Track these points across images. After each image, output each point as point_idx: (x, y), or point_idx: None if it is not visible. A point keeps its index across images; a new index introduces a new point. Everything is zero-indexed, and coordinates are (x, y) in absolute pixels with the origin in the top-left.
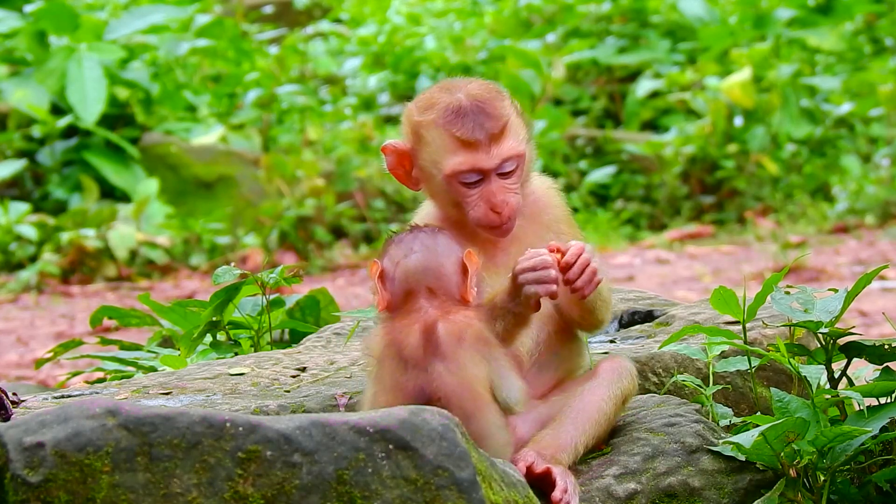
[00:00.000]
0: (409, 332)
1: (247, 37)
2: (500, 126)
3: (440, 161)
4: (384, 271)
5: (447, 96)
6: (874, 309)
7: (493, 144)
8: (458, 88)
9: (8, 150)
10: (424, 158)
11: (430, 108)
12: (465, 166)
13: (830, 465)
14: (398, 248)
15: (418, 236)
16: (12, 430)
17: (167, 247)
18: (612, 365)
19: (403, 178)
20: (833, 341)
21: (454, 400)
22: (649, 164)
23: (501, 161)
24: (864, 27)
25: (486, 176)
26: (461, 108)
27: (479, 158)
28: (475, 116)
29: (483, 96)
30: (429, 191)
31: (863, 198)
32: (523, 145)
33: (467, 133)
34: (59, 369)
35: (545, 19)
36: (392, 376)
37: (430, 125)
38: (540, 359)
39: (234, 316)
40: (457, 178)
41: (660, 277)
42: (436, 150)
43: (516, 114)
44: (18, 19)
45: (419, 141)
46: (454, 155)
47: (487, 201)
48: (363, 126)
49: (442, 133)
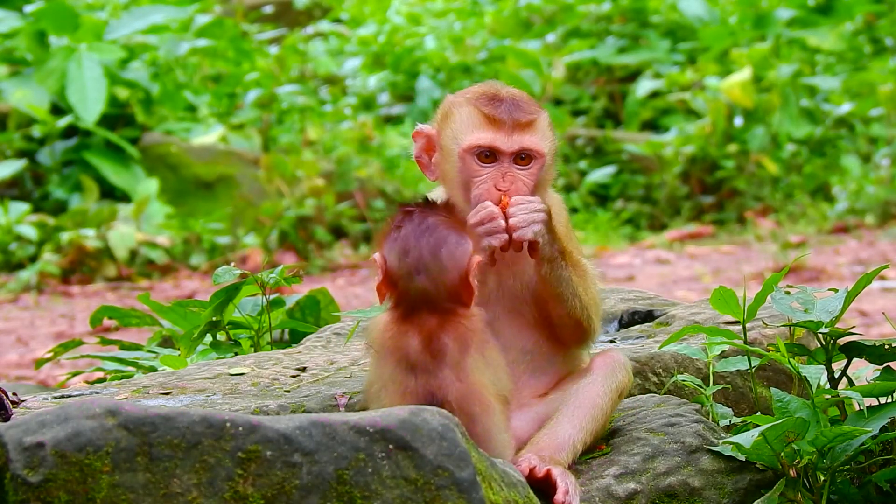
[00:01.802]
0: (414, 337)
1: (247, 37)
2: (527, 118)
3: (461, 135)
4: (389, 266)
5: (490, 88)
6: (874, 309)
7: (516, 131)
8: (503, 87)
9: (8, 150)
10: (447, 135)
11: (468, 93)
12: (484, 141)
13: (830, 465)
14: (404, 245)
15: (424, 233)
16: (12, 430)
17: (167, 247)
18: (605, 360)
19: (425, 165)
20: (833, 341)
21: (462, 404)
22: (649, 164)
23: (520, 148)
24: (864, 27)
25: (501, 158)
26: (497, 95)
27: (498, 138)
28: (508, 104)
29: (522, 96)
30: (442, 173)
31: (863, 198)
32: (545, 148)
33: (494, 112)
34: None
35: (545, 19)
36: (399, 380)
37: (462, 104)
38: (535, 364)
39: (234, 316)
40: (473, 152)
41: (660, 277)
42: (460, 125)
43: (548, 126)
44: (18, 19)
45: (446, 119)
46: (477, 130)
47: (494, 179)
48: (363, 126)
49: (471, 110)
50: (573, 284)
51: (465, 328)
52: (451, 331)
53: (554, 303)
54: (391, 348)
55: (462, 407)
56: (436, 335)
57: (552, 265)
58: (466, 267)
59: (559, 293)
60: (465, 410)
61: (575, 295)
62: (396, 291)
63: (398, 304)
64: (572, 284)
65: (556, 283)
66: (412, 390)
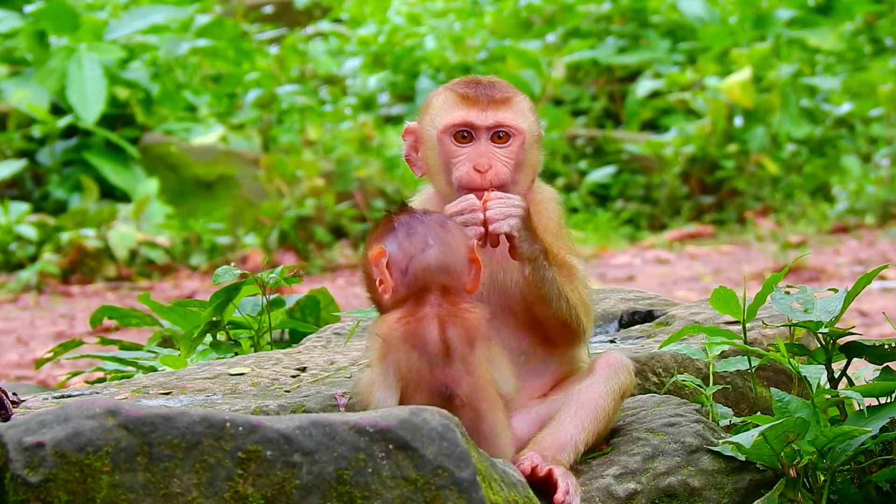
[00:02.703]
0: (431, 324)
1: (247, 37)
2: (503, 96)
3: (437, 118)
4: (391, 259)
5: (470, 77)
6: (874, 309)
7: (490, 107)
8: (485, 76)
9: (8, 150)
10: (426, 123)
11: (448, 83)
12: (458, 119)
13: (830, 465)
14: (411, 240)
15: (429, 227)
16: (12, 430)
17: (167, 247)
18: (607, 361)
19: (414, 161)
20: (833, 341)
21: (471, 399)
22: (649, 164)
23: (495, 122)
24: (864, 27)
25: (478, 136)
26: (475, 79)
27: (472, 114)
28: (484, 85)
29: (501, 80)
30: (426, 164)
31: (863, 198)
32: (523, 126)
33: (468, 91)
34: (59, 369)
35: (545, 19)
36: (413, 368)
37: (439, 92)
38: (529, 365)
39: (234, 316)
40: (449, 132)
41: (660, 277)
42: (437, 110)
43: (529, 109)
44: (18, 19)
45: (426, 109)
46: (452, 110)
47: (472, 159)
48: (363, 126)
49: (448, 94)
50: (558, 285)
51: (472, 321)
52: (458, 323)
53: (540, 304)
54: (407, 337)
55: (471, 402)
56: (448, 325)
57: (534, 265)
58: (471, 242)
59: (544, 294)
60: (473, 405)
61: (560, 296)
62: (405, 279)
63: (408, 293)
64: (557, 285)
65: (540, 285)
66: (425, 380)
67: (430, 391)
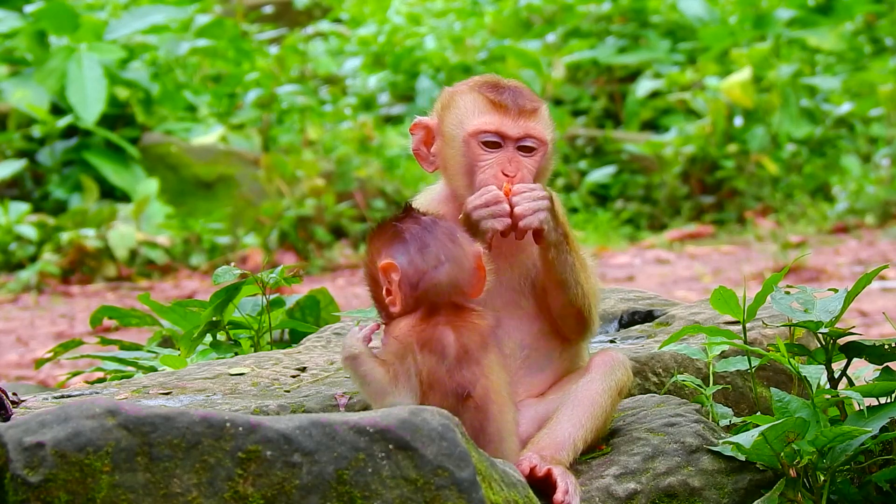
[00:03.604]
0: (443, 332)
1: (247, 37)
2: (532, 106)
3: (466, 120)
4: (403, 274)
5: (490, 78)
6: (874, 309)
7: (521, 117)
8: (502, 78)
9: (8, 150)
10: (449, 122)
11: (470, 82)
12: (490, 126)
13: (830, 465)
14: (423, 256)
15: (441, 242)
16: (12, 430)
17: (167, 247)
18: (604, 358)
19: (423, 157)
20: (833, 341)
21: (484, 401)
22: (649, 164)
23: (525, 134)
24: (864, 27)
25: (506, 144)
26: (500, 83)
27: (505, 123)
28: (512, 91)
29: (522, 85)
30: (443, 161)
31: (863, 198)
32: (548, 137)
33: (500, 98)
34: (59, 369)
35: (545, 19)
36: (430, 371)
37: (464, 92)
38: (531, 359)
39: (234, 316)
40: (478, 136)
41: (660, 277)
42: (464, 111)
43: (549, 116)
44: (18, 19)
45: (447, 108)
46: (482, 114)
47: (500, 165)
48: (363, 126)
49: (475, 96)
50: (576, 271)
51: (482, 327)
52: (471, 328)
53: (557, 290)
54: (423, 342)
55: (484, 404)
56: (463, 331)
57: (558, 249)
58: (478, 252)
59: (563, 279)
60: (485, 408)
61: (577, 282)
62: (416, 293)
63: (416, 306)
64: (576, 271)
65: (562, 269)
66: (442, 383)
67: (445, 393)
